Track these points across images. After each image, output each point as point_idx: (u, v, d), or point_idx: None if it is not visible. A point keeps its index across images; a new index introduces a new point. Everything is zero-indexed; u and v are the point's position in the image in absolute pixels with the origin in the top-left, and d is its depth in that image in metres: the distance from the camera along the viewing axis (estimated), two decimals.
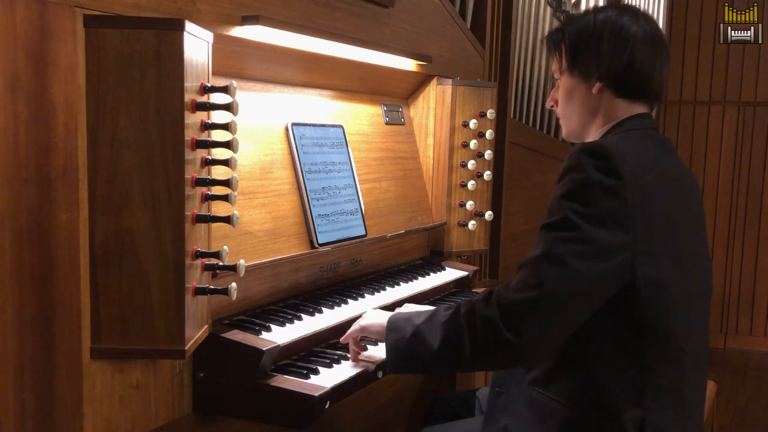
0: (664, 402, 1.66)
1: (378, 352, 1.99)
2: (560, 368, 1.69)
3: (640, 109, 1.80)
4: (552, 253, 1.58)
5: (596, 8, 1.82)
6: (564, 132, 1.91)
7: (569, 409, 1.67)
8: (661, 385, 1.65)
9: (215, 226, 1.72)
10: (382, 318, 1.86)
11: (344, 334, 2.03)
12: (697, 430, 1.79)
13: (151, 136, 1.49)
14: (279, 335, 1.86)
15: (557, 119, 2.91)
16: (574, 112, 1.83)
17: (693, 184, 1.84)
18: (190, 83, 1.53)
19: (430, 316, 1.74)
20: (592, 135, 1.83)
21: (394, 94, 2.86)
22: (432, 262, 2.87)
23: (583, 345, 1.65)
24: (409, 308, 2.05)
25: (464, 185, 2.94)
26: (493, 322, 1.59)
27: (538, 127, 4.47)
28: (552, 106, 1.91)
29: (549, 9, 4.43)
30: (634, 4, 5.76)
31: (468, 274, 2.85)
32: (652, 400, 1.64)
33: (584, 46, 1.77)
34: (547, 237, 1.60)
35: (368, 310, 2.02)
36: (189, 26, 1.50)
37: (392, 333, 1.79)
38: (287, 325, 1.94)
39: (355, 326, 1.94)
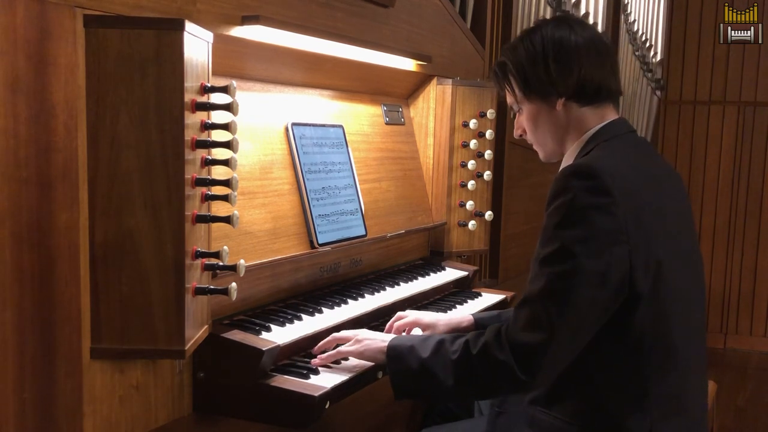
0: (667, 410, 1.66)
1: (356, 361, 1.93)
2: (561, 386, 1.69)
3: (609, 112, 1.80)
4: (554, 290, 1.58)
5: (528, 31, 1.82)
6: (542, 156, 1.89)
7: (573, 426, 1.67)
8: (662, 393, 1.65)
9: (215, 226, 1.72)
10: (380, 343, 1.84)
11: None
12: None
13: (151, 136, 1.49)
14: (279, 335, 1.86)
15: None
16: (547, 134, 1.82)
17: (678, 185, 1.84)
18: (190, 83, 1.53)
19: (435, 350, 1.72)
20: (569, 150, 1.81)
21: (394, 94, 2.86)
22: (432, 262, 2.87)
23: (583, 361, 1.65)
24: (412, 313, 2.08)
25: (464, 185, 2.94)
26: (508, 367, 1.60)
27: None
28: (521, 135, 1.90)
29: (549, 9, 4.42)
30: (632, 4, 5.75)
31: (468, 274, 2.85)
32: (656, 409, 1.64)
33: (532, 70, 1.76)
34: (546, 272, 1.60)
35: (361, 331, 1.96)
36: (189, 26, 1.50)
37: (395, 362, 1.77)
38: (287, 325, 1.94)
39: (351, 349, 1.87)
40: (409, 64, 2.67)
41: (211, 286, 1.62)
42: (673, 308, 1.66)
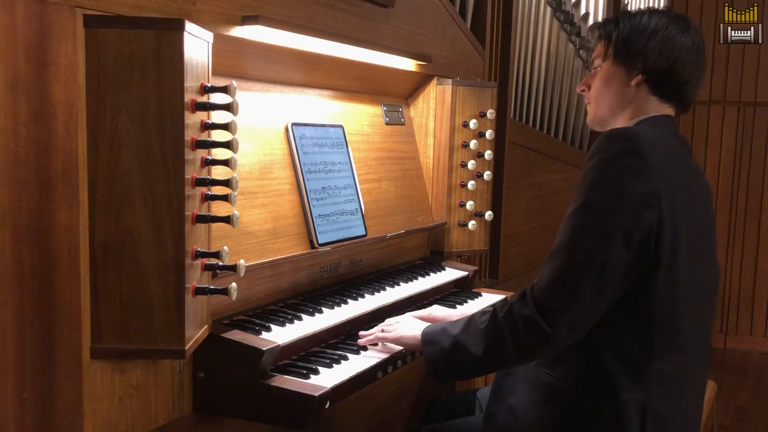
0: (666, 389, 1.68)
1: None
2: (567, 349, 1.71)
3: (668, 111, 1.85)
4: (578, 243, 1.62)
5: (652, 9, 1.88)
6: (589, 117, 1.95)
7: (573, 389, 1.70)
8: (663, 371, 1.67)
9: (215, 226, 1.72)
10: (416, 330, 1.94)
11: (343, 334, 2.04)
12: (696, 425, 1.80)
13: (151, 136, 1.49)
14: (279, 335, 1.86)
15: (584, 108, 2.93)
16: (607, 100, 1.87)
17: (708, 189, 1.87)
18: (190, 83, 1.53)
19: (466, 325, 1.79)
20: (618, 126, 1.85)
21: (394, 94, 2.86)
22: (432, 262, 2.87)
23: (591, 327, 1.67)
24: (440, 310, 2.13)
25: (464, 185, 2.94)
26: (531, 320, 1.65)
27: (538, 127, 4.47)
28: (583, 91, 1.95)
29: (549, 9, 4.42)
30: (642, 4, 5.76)
31: (468, 274, 2.85)
32: (654, 385, 1.66)
33: (636, 38, 1.81)
34: (573, 225, 1.64)
35: (403, 318, 2.08)
36: (189, 26, 1.50)
37: (429, 346, 1.86)
38: (287, 325, 1.94)
39: (389, 335, 2.01)
40: (409, 64, 2.67)
41: (211, 286, 1.62)
42: (686, 290, 1.69)
